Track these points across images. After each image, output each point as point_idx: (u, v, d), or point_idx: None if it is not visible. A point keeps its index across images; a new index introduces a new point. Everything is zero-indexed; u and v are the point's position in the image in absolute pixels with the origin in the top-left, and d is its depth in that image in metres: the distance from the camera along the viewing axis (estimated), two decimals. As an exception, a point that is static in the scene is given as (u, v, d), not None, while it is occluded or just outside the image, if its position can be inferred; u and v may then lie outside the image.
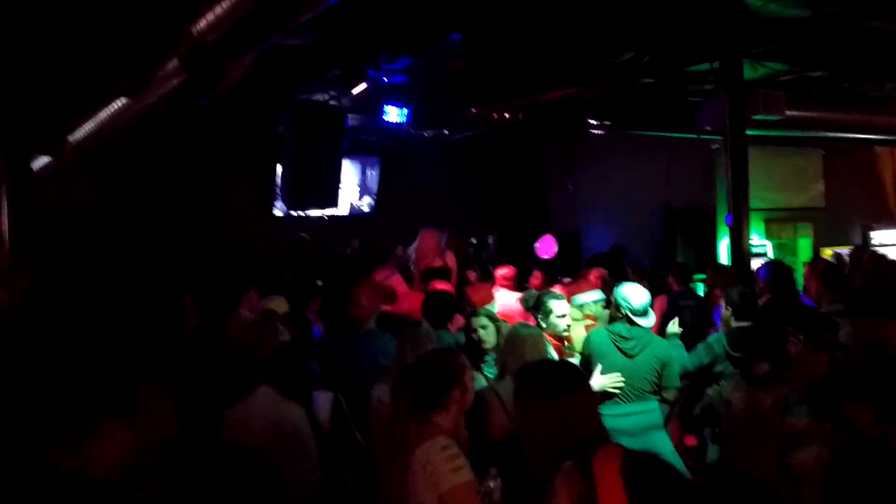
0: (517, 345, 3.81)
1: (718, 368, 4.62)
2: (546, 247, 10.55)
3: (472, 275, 7.63)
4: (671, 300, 6.54)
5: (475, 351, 4.36)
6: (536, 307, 4.78)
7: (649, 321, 4.46)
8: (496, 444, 3.24)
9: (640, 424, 4.18)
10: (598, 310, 5.04)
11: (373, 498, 3.50)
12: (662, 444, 4.18)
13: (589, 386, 2.39)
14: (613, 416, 4.05)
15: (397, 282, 6.42)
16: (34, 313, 4.78)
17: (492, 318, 4.50)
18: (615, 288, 4.82)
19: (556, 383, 2.27)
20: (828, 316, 3.66)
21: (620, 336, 4.37)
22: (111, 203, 10.26)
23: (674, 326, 4.96)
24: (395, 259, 8.90)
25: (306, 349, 4.44)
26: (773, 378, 3.31)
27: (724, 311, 4.91)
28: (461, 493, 2.46)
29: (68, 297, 7.76)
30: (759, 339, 3.62)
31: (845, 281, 5.62)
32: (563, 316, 4.62)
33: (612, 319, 4.79)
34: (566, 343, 4.79)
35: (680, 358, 4.64)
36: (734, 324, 4.77)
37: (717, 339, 4.78)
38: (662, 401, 4.40)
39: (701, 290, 7.53)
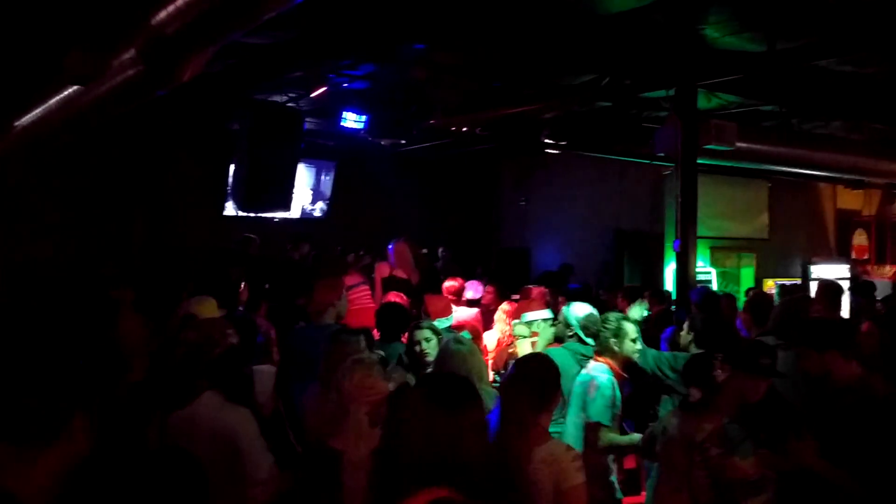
0: (446, 359, 3.81)
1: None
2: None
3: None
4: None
5: (417, 364, 4.34)
6: (600, 330, 4.34)
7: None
8: None
9: None
10: (546, 327, 5.06)
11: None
12: None
13: (482, 409, 2.23)
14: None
15: (365, 294, 6.38)
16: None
17: (435, 331, 4.48)
18: (565, 307, 4.86)
19: (452, 396, 2.17)
20: (765, 343, 3.74)
21: (584, 356, 4.37)
22: (56, 189, 10.00)
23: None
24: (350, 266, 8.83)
25: (249, 353, 4.36)
26: (704, 406, 3.36)
27: (685, 335, 4.94)
28: (582, 491, 2.83)
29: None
30: (690, 366, 3.67)
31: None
32: (636, 340, 4.29)
33: (559, 337, 4.81)
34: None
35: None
36: (694, 350, 4.77)
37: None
38: None
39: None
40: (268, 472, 3.20)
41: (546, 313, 5.14)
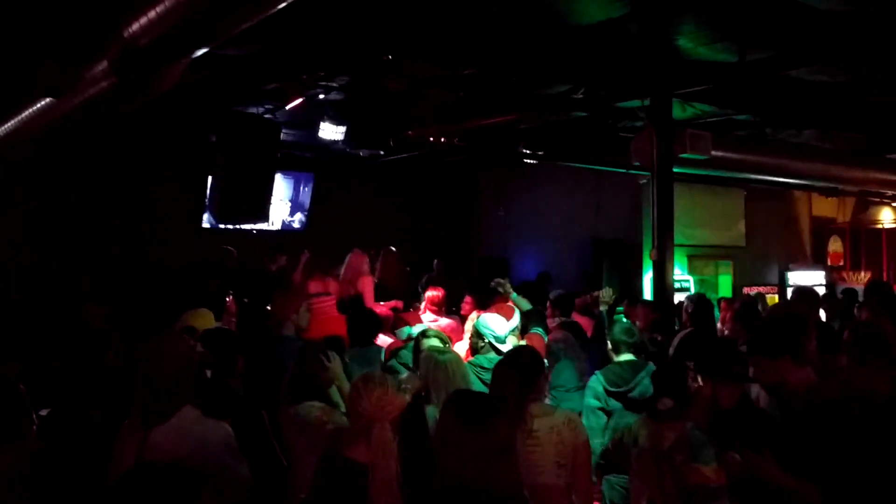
0: (430, 370, 3.82)
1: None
2: None
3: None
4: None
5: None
6: None
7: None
8: None
9: None
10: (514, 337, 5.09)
11: None
12: None
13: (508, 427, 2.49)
14: None
15: (329, 304, 6.38)
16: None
17: (443, 339, 4.50)
18: (477, 318, 4.89)
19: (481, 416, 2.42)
20: (735, 349, 3.76)
21: (482, 367, 4.39)
22: (30, 201, 9.92)
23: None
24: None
25: (231, 366, 4.33)
26: (675, 414, 3.36)
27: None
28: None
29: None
30: (662, 375, 3.68)
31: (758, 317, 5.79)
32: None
33: (473, 349, 4.82)
34: None
35: None
36: (617, 358, 4.77)
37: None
38: None
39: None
40: (245, 488, 3.19)
41: (515, 321, 5.17)
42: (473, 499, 2.24)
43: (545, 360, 4.02)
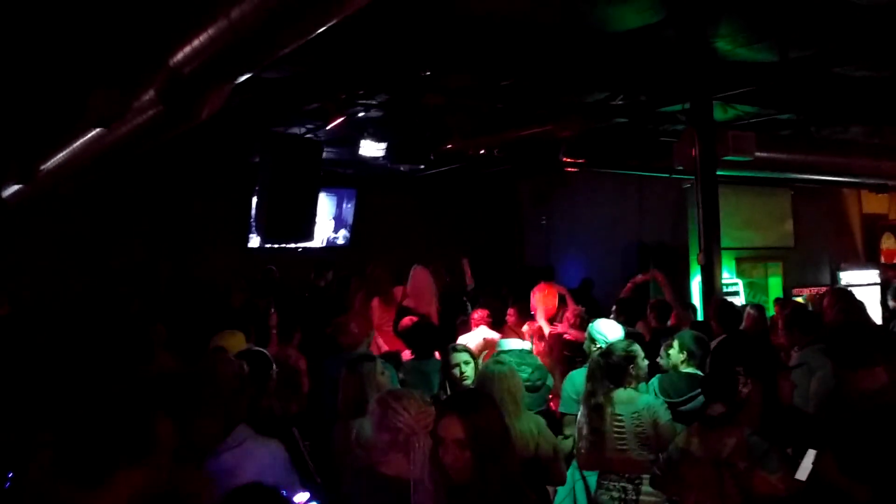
0: (485, 381, 3.83)
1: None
2: None
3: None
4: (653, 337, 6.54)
5: (454, 386, 4.38)
6: None
7: None
8: None
9: None
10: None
11: None
12: None
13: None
14: None
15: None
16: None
17: (472, 354, 4.55)
18: (590, 324, 4.86)
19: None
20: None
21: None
22: (84, 227, 10.19)
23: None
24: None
25: (263, 386, 4.35)
26: (728, 419, 3.28)
27: (676, 353, 4.82)
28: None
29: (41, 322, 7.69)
30: (712, 381, 3.61)
31: (817, 321, 5.57)
32: None
33: (586, 354, 4.82)
34: None
35: None
36: (685, 369, 4.71)
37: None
38: None
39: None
40: None
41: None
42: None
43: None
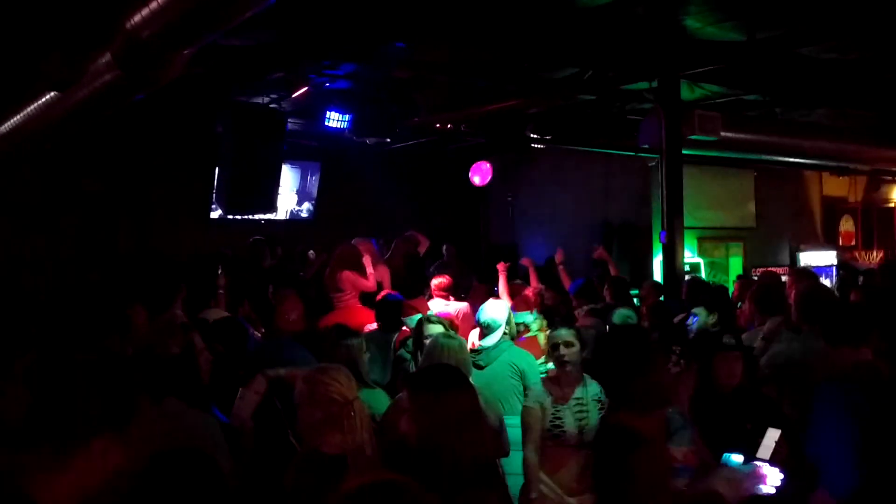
0: (433, 353, 3.81)
1: None
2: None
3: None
4: (605, 312, 6.57)
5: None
6: None
7: (496, 335, 4.58)
8: None
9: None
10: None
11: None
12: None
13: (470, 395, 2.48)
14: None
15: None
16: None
17: (446, 325, 4.53)
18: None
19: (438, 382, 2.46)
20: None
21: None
22: (37, 193, 9.93)
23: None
24: (308, 265, 8.78)
25: (240, 355, 4.32)
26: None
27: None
28: None
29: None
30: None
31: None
32: None
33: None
34: None
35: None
36: None
37: None
38: None
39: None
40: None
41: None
42: (442, 463, 2.25)
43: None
